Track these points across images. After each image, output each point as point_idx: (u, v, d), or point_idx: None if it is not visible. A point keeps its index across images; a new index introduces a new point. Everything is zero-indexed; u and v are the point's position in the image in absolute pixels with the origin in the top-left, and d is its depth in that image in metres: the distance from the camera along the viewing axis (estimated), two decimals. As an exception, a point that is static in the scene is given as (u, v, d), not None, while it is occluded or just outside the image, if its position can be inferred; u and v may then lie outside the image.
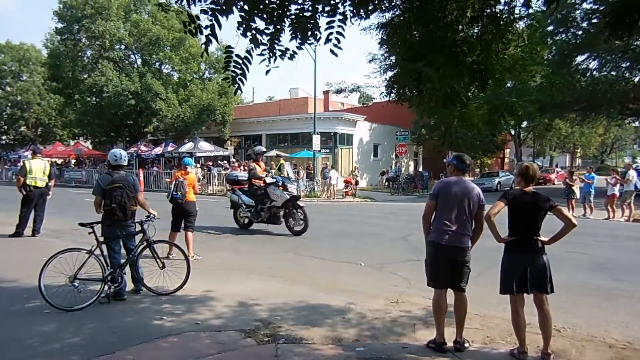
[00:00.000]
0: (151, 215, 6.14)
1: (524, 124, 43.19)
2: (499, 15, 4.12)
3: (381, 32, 4.86)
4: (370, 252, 9.58)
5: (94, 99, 31.12)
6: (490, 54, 4.29)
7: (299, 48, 4.23)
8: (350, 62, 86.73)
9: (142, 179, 23.84)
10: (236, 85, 4.32)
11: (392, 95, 5.38)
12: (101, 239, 5.85)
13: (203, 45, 4.02)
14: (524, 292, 4.35)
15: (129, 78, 29.76)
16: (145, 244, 6.10)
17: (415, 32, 4.32)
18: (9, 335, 4.71)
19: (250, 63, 4.22)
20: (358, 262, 8.41)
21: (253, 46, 4.09)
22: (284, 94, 76.81)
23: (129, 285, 6.12)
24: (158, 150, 31.29)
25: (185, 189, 8.32)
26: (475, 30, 4.26)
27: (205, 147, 29.62)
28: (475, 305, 5.31)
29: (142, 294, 6.13)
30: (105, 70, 29.38)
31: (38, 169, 10.03)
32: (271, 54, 4.17)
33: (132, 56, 33.68)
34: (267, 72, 4.61)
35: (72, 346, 4.47)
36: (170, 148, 30.40)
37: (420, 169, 39.60)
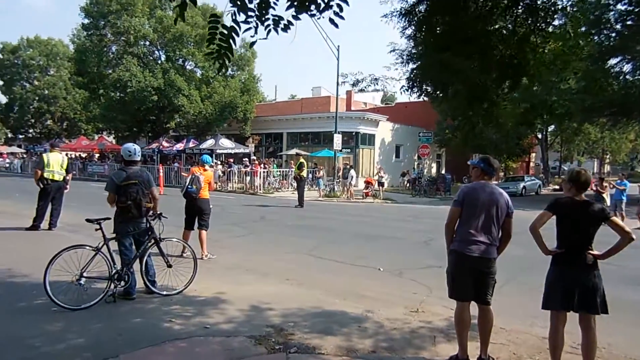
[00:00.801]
0: (158, 213, 5.96)
1: (551, 127, 42.07)
2: (538, 5, 3.72)
3: (403, 19, 4.51)
4: (389, 256, 9.26)
5: (118, 94, 31.41)
6: (526, 48, 3.91)
7: (295, 17, 3.66)
8: (377, 61, 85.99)
9: (162, 174, 23.89)
10: (220, 62, 3.81)
11: (414, 89, 4.98)
12: (112, 235, 5.69)
13: (177, 9, 3.54)
14: (569, 310, 3.97)
15: (152, 74, 29.94)
16: (153, 241, 5.92)
17: (441, 21, 3.95)
18: (12, 333, 4.55)
19: (237, 35, 3.68)
20: (377, 267, 8.10)
21: (236, 11, 3.51)
22: (306, 92, 76.83)
23: (139, 283, 5.93)
24: (179, 146, 31.40)
25: (201, 185, 8.14)
26: (510, 21, 3.87)
27: (226, 144, 29.58)
28: (500, 318, 4.97)
29: (151, 294, 5.93)
30: (130, 65, 29.62)
31: (56, 162, 9.98)
32: (259, 22, 3.60)
33: (156, 52, 33.90)
34: (252, 44, 4.14)
35: (76, 348, 4.29)
36: (191, 144, 30.48)
37: (443, 172, 38.93)
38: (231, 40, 3.67)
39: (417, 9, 4.05)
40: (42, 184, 9.88)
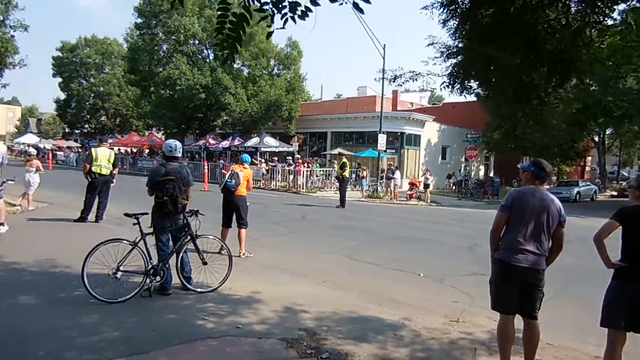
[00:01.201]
0: (195, 210, 5.96)
1: (608, 130, 39.81)
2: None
3: (445, 11, 4.23)
4: (430, 261, 8.96)
5: (167, 91, 32.23)
6: (579, 42, 3.57)
7: (313, 3, 3.34)
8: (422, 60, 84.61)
9: (207, 171, 24.30)
10: (227, 52, 3.57)
11: (456, 86, 4.67)
12: (149, 230, 5.73)
13: None
14: (632, 330, 3.65)
15: (200, 72, 30.54)
16: (189, 237, 5.92)
17: (486, 12, 3.67)
18: (49, 324, 4.63)
19: (247, 24, 3.45)
20: (416, 272, 7.83)
21: None
22: (352, 92, 76.47)
23: (175, 279, 5.94)
24: (225, 143, 31.93)
25: (240, 181, 8.14)
26: (562, 13, 3.54)
27: (271, 143, 29.79)
28: (547, 333, 4.64)
29: (187, 290, 5.93)
30: (179, 64, 30.34)
31: (103, 156, 10.27)
32: (275, 10, 3.35)
33: (204, 51, 34.58)
34: (269, 34, 3.86)
35: (110, 341, 4.32)
36: (236, 142, 30.90)
37: (492, 174, 37.72)
38: (241, 31, 3.45)
39: (460, 0, 3.80)
40: (90, 177, 10.19)
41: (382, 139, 24.14)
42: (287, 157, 29.56)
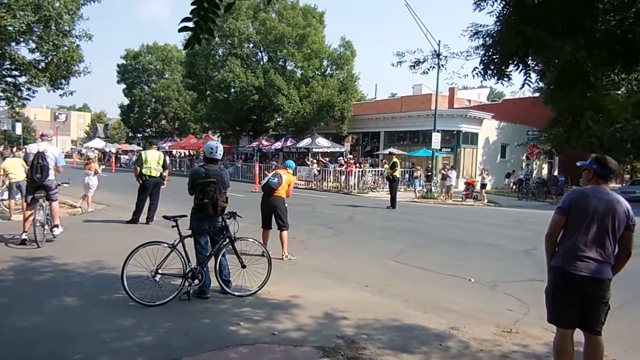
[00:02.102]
0: (233, 212, 5.86)
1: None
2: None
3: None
4: (483, 265, 8.43)
5: (222, 94, 32.87)
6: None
7: None
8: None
9: (257, 172, 24.51)
10: (199, 33, 2.78)
11: (490, 71, 4.12)
12: (187, 232, 5.68)
13: None
14: None
15: (254, 74, 30.93)
16: (227, 240, 5.82)
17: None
18: (86, 326, 4.65)
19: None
20: (467, 277, 7.37)
21: None
22: (407, 91, 75.15)
23: (214, 282, 5.86)
24: (278, 145, 32.20)
25: (282, 181, 8.01)
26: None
27: (322, 143, 29.72)
28: (615, 348, 4.16)
29: (225, 294, 5.82)
30: (233, 66, 30.84)
31: (153, 159, 10.47)
32: None
33: (259, 53, 35.02)
34: (229, 6, 3.11)
35: (142, 346, 4.26)
36: (289, 143, 31.10)
37: (556, 173, 35.74)
38: (213, 11, 2.80)
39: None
40: (141, 179, 10.43)
41: (436, 138, 23.38)
42: (339, 158, 29.39)
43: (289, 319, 5.14)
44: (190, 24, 2.79)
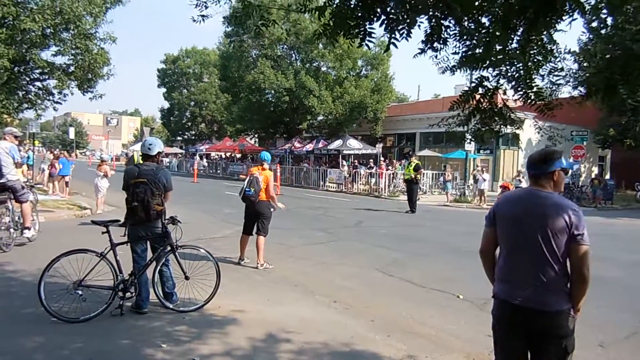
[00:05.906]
0: (174, 217, 5.28)
1: None
2: None
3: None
4: (481, 280, 7.38)
5: (255, 96, 32.69)
6: None
7: None
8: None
9: (279, 174, 24.08)
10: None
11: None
12: (122, 239, 5.14)
13: None
14: None
15: (284, 75, 30.55)
16: (169, 248, 5.24)
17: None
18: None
19: None
20: (456, 293, 6.46)
21: None
22: (450, 91, 72.81)
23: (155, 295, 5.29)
24: (309, 147, 31.71)
25: (260, 186, 7.31)
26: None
27: (354, 145, 28.97)
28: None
29: (166, 309, 5.24)
30: (264, 68, 30.56)
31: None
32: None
33: (292, 55, 34.62)
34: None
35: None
36: (320, 145, 30.54)
37: (608, 177, 33.27)
38: None
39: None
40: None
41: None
42: (370, 160, 28.54)
43: (222, 340, 4.50)
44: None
